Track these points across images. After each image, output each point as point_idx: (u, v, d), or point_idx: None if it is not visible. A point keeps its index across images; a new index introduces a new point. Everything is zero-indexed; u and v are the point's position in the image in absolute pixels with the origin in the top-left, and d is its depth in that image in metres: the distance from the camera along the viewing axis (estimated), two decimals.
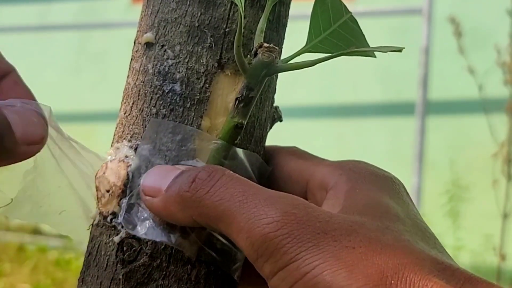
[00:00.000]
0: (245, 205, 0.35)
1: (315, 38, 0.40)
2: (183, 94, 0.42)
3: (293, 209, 0.35)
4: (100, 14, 3.92)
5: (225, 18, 0.42)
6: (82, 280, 0.42)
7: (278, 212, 0.35)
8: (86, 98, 3.82)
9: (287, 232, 0.34)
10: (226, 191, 0.36)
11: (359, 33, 0.40)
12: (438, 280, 0.33)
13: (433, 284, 0.32)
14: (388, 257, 0.33)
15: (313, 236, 0.34)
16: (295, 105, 3.21)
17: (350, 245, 0.34)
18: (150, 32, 0.43)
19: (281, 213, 0.35)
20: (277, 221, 0.34)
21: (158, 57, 0.42)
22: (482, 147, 2.51)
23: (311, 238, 0.34)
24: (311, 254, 0.33)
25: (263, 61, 0.39)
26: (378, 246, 0.34)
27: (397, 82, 3.27)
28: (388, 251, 0.34)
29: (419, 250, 0.35)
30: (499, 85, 2.34)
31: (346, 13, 0.40)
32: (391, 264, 0.33)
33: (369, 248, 0.33)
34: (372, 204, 0.38)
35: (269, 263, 0.34)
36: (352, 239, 0.34)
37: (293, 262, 0.33)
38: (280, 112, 0.46)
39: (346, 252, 0.33)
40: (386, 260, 0.33)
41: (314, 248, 0.33)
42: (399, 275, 0.32)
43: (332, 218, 0.35)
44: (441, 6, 3.03)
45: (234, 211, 0.36)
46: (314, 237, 0.34)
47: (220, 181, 0.37)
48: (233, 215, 0.36)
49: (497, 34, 2.61)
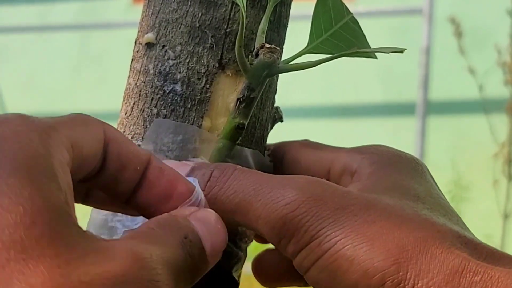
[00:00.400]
0: (260, 192, 0.35)
1: (316, 39, 0.40)
2: (184, 95, 0.42)
3: (309, 186, 0.35)
4: (101, 14, 3.92)
5: (226, 19, 0.42)
6: None
7: (293, 192, 0.34)
8: (87, 98, 3.82)
9: (306, 211, 0.34)
10: (240, 183, 0.36)
11: (360, 34, 0.40)
12: (460, 253, 0.32)
13: (455, 256, 0.32)
14: (408, 230, 0.33)
15: (332, 212, 0.34)
16: (296, 106, 3.21)
17: (370, 219, 0.33)
18: (151, 33, 0.43)
19: (297, 192, 0.34)
20: (294, 200, 0.34)
21: (159, 58, 0.42)
22: (483, 147, 2.51)
23: (331, 214, 0.34)
24: (331, 230, 0.33)
25: (265, 61, 0.39)
26: (398, 220, 0.34)
27: (398, 82, 3.27)
28: (408, 224, 0.33)
29: (440, 224, 0.34)
30: (500, 85, 2.34)
31: (348, 14, 0.40)
32: (412, 238, 0.33)
33: (388, 222, 0.33)
34: (393, 184, 0.37)
35: (292, 243, 0.34)
36: (371, 213, 0.34)
37: (315, 240, 0.33)
38: (281, 113, 0.46)
39: (366, 227, 0.33)
40: (407, 234, 0.33)
41: (334, 223, 0.33)
42: (420, 248, 0.32)
43: (349, 194, 0.35)
44: (441, 6, 3.03)
45: (249, 200, 0.35)
46: (333, 212, 0.34)
47: (233, 175, 0.37)
48: (249, 204, 0.35)
49: (498, 34, 2.61)
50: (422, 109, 2.90)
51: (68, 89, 3.89)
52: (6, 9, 4.09)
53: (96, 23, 3.86)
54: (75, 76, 3.91)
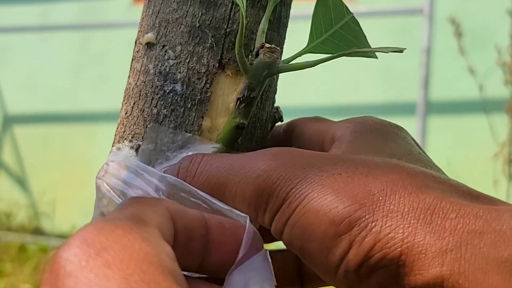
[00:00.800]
0: (231, 172, 0.35)
1: (316, 38, 0.40)
2: (184, 94, 0.42)
3: (278, 155, 0.35)
4: (101, 14, 3.92)
5: (226, 19, 0.42)
6: None
7: (263, 163, 0.35)
8: (87, 98, 3.82)
9: (276, 176, 0.34)
10: (211, 168, 0.37)
11: (361, 34, 0.40)
12: (432, 191, 0.32)
13: (426, 195, 0.31)
14: (376, 177, 0.33)
15: (300, 171, 0.34)
16: (296, 105, 3.21)
17: (336, 172, 0.33)
18: (151, 33, 0.43)
19: (267, 163, 0.35)
20: (264, 170, 0.34)
21: (159, 58, 0.42)
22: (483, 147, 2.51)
23: (299, 174, 0.34)
24: (300, 188, 0.33)
25: (265, 61, 0.39)
26: (365, 169, 0.33)
27: (398, 82, 3.27)
28: (376, 172, 0.33)
29: (411, 167, 0.34)
30: (500, 85, 2.34)
31: (348, 14, 0.40)
32: (378, 182, 0.32)
33: (356, 173, 0.33)
34: (368, 145, 0.37)
35: (267, 211, 0.34)
36: (338, 167, 0.33)
37: (286, 201, 0.33)
38: (281, 112, 0.46)
39: (332, 179, 0.33)
40: (373, 180, 0.32)
41: (302, 182, 0.33)
42: (387, 191, 0.32)
43: (318, 154, 0.35)
44: (442, 6, 3.03)
45: (223, 182, 0.36)
46: (301, 171, 0.34)
47: (202, 162, 0.37)
48: (224, 185, 0.36)
49: (498, 34, 2.61)
50: (422, 109, 2.90)
51: (69, 89, 3.89)
52: (7, 9, 4.10)
53: (96, 23, 3.86)
54: (75, 76, 3.91)
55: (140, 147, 0.41)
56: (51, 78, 3.92)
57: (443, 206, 0.31)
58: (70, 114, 3.86)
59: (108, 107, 3.58)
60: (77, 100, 3.85)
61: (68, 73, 3.93)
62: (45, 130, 3.86)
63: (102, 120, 3.69)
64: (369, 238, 0.31)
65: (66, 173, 3.61)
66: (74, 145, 3.70)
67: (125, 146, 0.42)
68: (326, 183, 0.33)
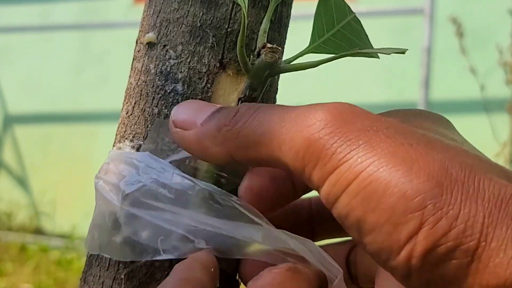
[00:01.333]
0: (284, 118, 0.32)
1: (318, 38, 0.40)
2: (185, 94, 0.42)
3: (336, 107, 0.31)
4: (102, 14, 3.92)
5: (227, 18, 0.42)
6: (84, 280, 0.42)
7: (320, 112, 0.31)
8: (88, 98, 3.82)
9: (333, 131, 0.30)
10: (265, 115, 0.33)
11: (363, 33, 0.40)
12: (508, 183, 0.28)
13: (504, 186, 0.28)
14: (452, 155, 0.29)
15: (363, 133, 0.30)
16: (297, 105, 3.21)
17: (406, 142, 0.29)
18: (152, 32, 0.43)
19: (324, 113, 0.31)
20: (319, 120, 0.30)
21: (160, 57, 0.42)
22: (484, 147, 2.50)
23: (361, 136, 0.29)
24: (363, 152, 0.29)
25: (266, 61, 0.39)
26: (439, 145, 0.30)
27: (399, 82, 3.27)
28: (452, 151, 0.30)
29: (486, 158, 0.31)
30: (501, 85, 2.34)
31: (350, 14, 0.40)
32: (456, 162, 0.29)
33: (429, 146, 0.29)
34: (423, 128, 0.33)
35: (318, 169, 0.30)
36: (408, 137, 0.30)
37: (344, 163, 0.29)
38: None
39: (403, 149, 0.29)
40: (450, 158, 0.29)
41: (366, 145, 0.29)
42: (466, 172, 0.28)
43: (383, 118, 0.31)
44: (442, 6, 3.03)
45: (274, 128, 0.32)
46: (365, 134, 0.30)
47: (259, 109, 0.34)
48: (273, 131, 0.32)
49: (499, 34, 2.61)
50: (423, 109, 2.89)
51: (69, 89, 3.90)
52: (8, 9, 4.10)
53: (97, 23, 3.86)
54: (76, 76, 3.92)
55: (141, 147, 0.41)
56: (52, 78, 3.92)
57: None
58: (70, 114, 3.86)
59: (108, 107, 3.58)
60: (78, 100, 3.85)
61: (68, 73, 3.93)
62: (46, 130, 3.86)
63: (102, 120, 3.69)
64: (444, 222, 0.27)
65: (66, 173, 3.62)
66: (75, 145, 3.70)
67: (126, 145, 0.42)
68: (396, 152, 0.29)
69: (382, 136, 0.30)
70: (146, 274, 0.40)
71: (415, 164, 0.28)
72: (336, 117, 0.30)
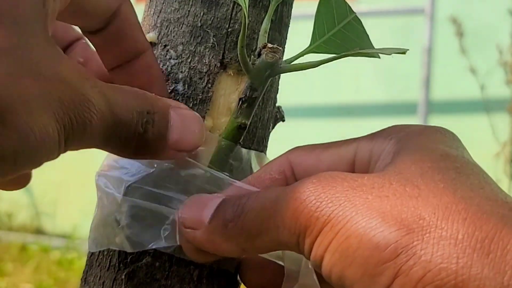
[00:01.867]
0: (278, 200, 0.33)
1: (319, 38, 0.40)
2: (185, 94, 0.42)
3: (316, 179, 0.32)
4: None
5: (227, 18, 0.42)
6: (85, 280, 0.42)
7: (302, 187, 0.32)
8: None
9: (315, 199, 0.31)
10: (263, 203, 0.34)
11: (363, 33, 0.40)
12: (490, 217, 0.28)
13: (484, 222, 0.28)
14: (426, 199, 0.29)
15: (342, 193, 0.31)
16: (297, 105, 3.21)
17: (383, 194, 0.30)
18: (153, 32, 0.43)
19: (306, 186, 0.32)
20: (302, 192, 0.32)
21: (161, 57, 0.42)
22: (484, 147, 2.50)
23: (341, 196, 0.31)
24: (343, 210, 0.30)
25: (267, 61, 0.39)
26: (415, 191, 0.30)
27: (400, 82, 3.27)
28: (427, 193, 0.30)
29: (466, 186, 0.30)
30: (501, 85, 2.34)
31: (351, 14, 0.40)
32: (430, 206, 0.29)
33: (404, 195, 0.30)
34: (417, 146, 0.34)
35: (307, 236, 0.31)
36: (385, 189, 0.30)
37: (328, 223, 0.30)
38: (283, 112, 0.46)
39: (378, 201, 0.30)
40: (424, 202, 0.29)
41: (345, 203, 0.30)
42: (438, 214, 0.28)
43: (361, 176, 0.32)
44: (443, 6, 3.02)
45: (269, 214, 0.33)
46: (344, 194, 0.31)
47: (257, 197, 0.35)
48: (269, 218, 0.33)
49: (499, 34, 2.61)
50: (423, 109, 2.89)
51: None
52: None
53: None
54: None
55: None
56: None
57: (504, 235, 0.27)
58: None
59: None
60: None
61: None
62: None
63: None
64: (418, 268, 0.28)
65: (67, 173, 3.61)
66: None
67: None
68: (372, 205, 0.30)
69: (361, 193, 0.31)
70: (146, 275, 0.40)
71: (388, 215, 0.29)
72: (315, 186, 0.32)
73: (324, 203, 0.31)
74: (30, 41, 0.30)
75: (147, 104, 0.35)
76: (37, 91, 0.28)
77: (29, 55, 0.29)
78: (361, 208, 0.30)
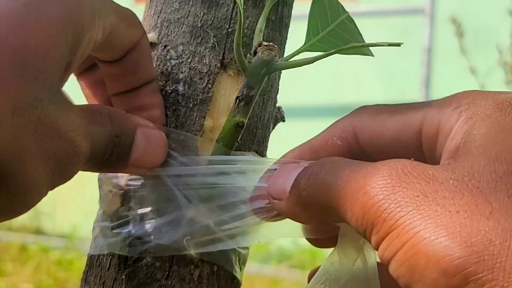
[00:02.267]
0: (347, 185, 0.33)
1: (313, 37, 0.40)
2: (185, 94, 0.42)
3: (390, 172, 0.32)
4: None
5: (227, 18, 0.42)
6: (85, 280, 0.42)
7: (374, 180, 0.32)
8: None
9: (383, 198, 0.31)
10: (334, 177, 0.34)
11: (356, 32, 0.41)
12: None
13: None
14: (498, 221, 0.28)
15: (412, 199, 0.30)
16: (298, 105, 3.21)
17: (453, 209, 0.29)
18: (153, 32, 0.43)
19: (377, 180, 0.31)
20: (373, 187, 0.31)
21: (161, 58, 0.42)
22: None
23: (410, 202, 0.30)
24: (410, 220, 0.30)
25: (263, 59, 0.39)
26: (487, 209, 0.29)
27: (400, 82, 3.27)
28: (499, 214, 0.29)
29: None
30: (501, 85, 2.33)
31: (343, 13, 0.40)
32: (501, 231, 0.28)
33: (475, 213, 0.29)
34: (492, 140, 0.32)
35: (373, 233, 0.31)
36: (456, 202, 0.30)
37: (394, 230, 0.30)
38: (283, 112, 0.46)
39: (448, 217, 0.29)
40: (495, 225, 0.28)
41: (413, 212, 0.30)
42: (510, 244, 0.28)
43: (434, 178, 0.31)
44: (443, 6, 3.03)
45: (339, 194, 0.33)
46: (413, 200, 0.30)
47: (329, 170, 0.35)
48: (338, 198, 0.33)
49: (499, 34, 2.61)
50: None
51: (70, 88, 3.89)
52: None
53: None
54: None
55: None
56: None
57: None
58: None
59: None
60: (79, 100, 3.85)
61: None
62: None
63: None
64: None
65: None
66: None
67: None
68: (441, 221, 0.29)
69: (431, 202, 0.30)
70: (147, 275, 0.40)
71: (457, 236, 0.29)
72: (387, 184, 0.31)
73: (393, 206, 0.31)
74: (44, 98, 0.33)
75: (116, 128, 0.38)
76: (35, 149, 0.33)
77: (38, 115, 0.33)
78: (429, 223, 0.29)
